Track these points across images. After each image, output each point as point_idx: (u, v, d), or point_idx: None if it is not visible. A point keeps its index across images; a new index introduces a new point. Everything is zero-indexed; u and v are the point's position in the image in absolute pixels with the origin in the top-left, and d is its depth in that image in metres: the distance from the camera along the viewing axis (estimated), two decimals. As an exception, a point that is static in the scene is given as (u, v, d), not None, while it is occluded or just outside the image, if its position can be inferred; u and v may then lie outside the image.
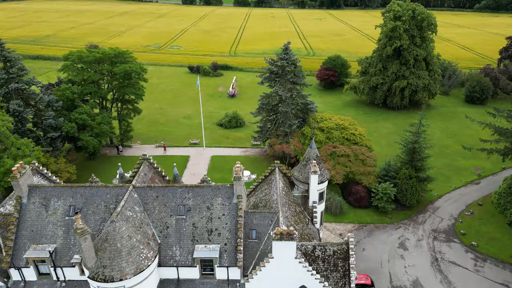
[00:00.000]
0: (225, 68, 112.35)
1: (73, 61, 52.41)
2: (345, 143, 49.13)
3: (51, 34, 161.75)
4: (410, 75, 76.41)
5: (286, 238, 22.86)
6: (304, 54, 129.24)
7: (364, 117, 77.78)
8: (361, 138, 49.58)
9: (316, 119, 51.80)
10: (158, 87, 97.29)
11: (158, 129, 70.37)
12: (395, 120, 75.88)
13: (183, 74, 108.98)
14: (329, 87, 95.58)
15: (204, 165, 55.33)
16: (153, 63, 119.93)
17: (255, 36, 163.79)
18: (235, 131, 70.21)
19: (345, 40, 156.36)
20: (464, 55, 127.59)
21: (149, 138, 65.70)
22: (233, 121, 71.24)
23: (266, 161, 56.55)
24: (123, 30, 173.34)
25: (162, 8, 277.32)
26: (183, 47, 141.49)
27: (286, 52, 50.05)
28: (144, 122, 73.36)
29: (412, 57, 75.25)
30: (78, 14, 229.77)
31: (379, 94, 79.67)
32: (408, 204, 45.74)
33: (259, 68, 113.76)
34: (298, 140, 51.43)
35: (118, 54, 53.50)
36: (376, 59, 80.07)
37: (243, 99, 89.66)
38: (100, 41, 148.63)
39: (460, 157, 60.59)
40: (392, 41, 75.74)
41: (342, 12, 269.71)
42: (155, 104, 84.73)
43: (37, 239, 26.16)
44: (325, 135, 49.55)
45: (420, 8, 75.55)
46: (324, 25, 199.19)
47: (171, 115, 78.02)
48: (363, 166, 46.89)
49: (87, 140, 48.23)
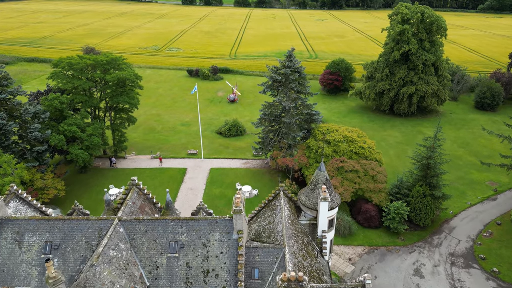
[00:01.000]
0: (225, 72, 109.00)
1: (62, 68, 49.06)
2: (354, 157, 45.74)
3: (47, 36, 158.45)
4: (418, 80, 73.00)
5: (295, 286, 19.54)
6: (306, 57, 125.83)
7: (370, 124, 74.40)
8: (370, 152, 46.17)
9: (322, 131, 48.41)
10: (156, 91, 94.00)
11: (154, 137, 67.03)
12: (403, 128, 72.46)
13: (182, 77, 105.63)
14: (333, 92, 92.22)
15: (202, 178, 51.95)
16: (151, 66, 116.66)
17: (256, 38, 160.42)
18: (235, 140, 66.87)
19: (347, 42, 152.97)
20: (471, 58, 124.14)
21: (145, 148, 62.35)
22: (233, 129, 67.89)
23: (268, 174, 53.18)
24: (121, 32, 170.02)
25: (162, 8, 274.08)
26: (182, 49, 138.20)
27: (290, 59, 46.67)
28: (140, 130, 70.04)
29: (420, 62, 71.84)
30: (76, 14, 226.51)
31: (386, 100, 76.28)
32: (422, 224, 42.36)
33: (260, 71, 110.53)
34: (302, 153, 48.07)
35: (111, 61, 50.10)
36: (382, 63, 76.67)
37: (244, 104, 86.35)
38: (98, 43, 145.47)
39: (474, 170, 57.18)
40: (400, 45, 72.34)
41: (344, 13, 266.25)
42: (152, 110, 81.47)
43: (9, 281, 22.88)
44: (331, 148, 46.17)
45: (429, 11, 72.13)
46: (326, 26, 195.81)
47: (168, 122, 74.67)
48: (373, 182, 43.51)
49: (76, 154, 44.89)
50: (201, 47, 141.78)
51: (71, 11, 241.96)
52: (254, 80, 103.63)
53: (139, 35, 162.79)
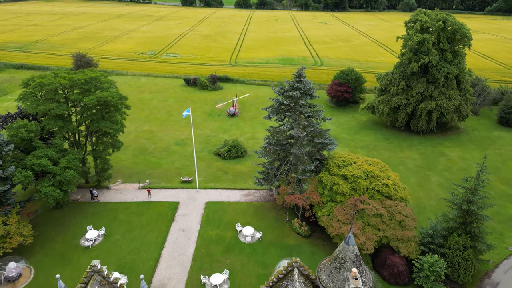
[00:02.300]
0: (225, 80, 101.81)
1: (34, 89, 41.89)
2: (376, 196, 38.50)
3: (39, 40, 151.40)
4: (439, 95, 65.71)
5: None
6: (311, 64, 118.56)
7: (385, 143, 67.14)
8: (395, 190, 38.92)
9: (338, 163, 41.13)
10: (150, 103, 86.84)
11: (145, 160, 59.83)
12: (422, 148, 65.15)
13: (179, 87, 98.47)
14: (342, 104, 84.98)
15: (197, 215, 44.67)
16: (146, 73, 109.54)
17: (258, 42, 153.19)
18: (236, 162, 59.66)
19: (353, 47, 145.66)
20: (487, 66, 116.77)
21: (134, 174, 55.12)
22: (233, 150, 60.66)
23: (273, 210, 45.89)
24: (117, 35, 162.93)
25: (161, 10, 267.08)
26: (180, 55, 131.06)
27: (300, 80, 39.40)
28: (130, 151, 62.84)
29: (442, 75, 64.55)
30: (72, 17, 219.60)
31: (402, 116, 69.00)
32: (461, 281, 35.12)
33: (262, 80, 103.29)
34: (314, 189, 40.83)
35: (90, 80, 42.81)
36: (398, 76, 69.38)
37: (245, 118, 79.11)
38: (91, 48, 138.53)
39: (509, 202, 49.92)
40: (419, 56, 65.06)
41: (348, 15, 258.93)
42: (145, 125, 74.26)
43: None
44: (349, 185, 38.91)
45: (451, 18, 64.88)
46: (330, 29, 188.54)
47: (162, 140, 67.44)
48: (400, 229, 36.30)
49: (46, 192, 37.70)
50: (199, 52, 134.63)
51: (67, 13, 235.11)
52: (256, 90, 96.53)
53: (135, 39, 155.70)
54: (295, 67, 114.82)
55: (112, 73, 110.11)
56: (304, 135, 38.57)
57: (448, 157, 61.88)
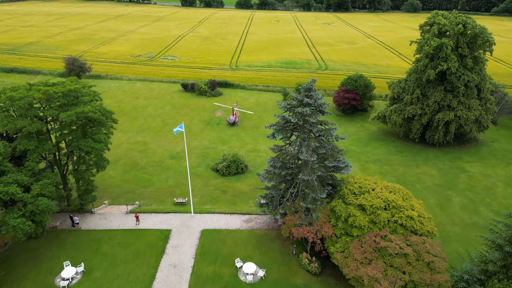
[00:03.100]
0: (225, 86, 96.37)
1: (4, 103, 36.49)
2: (399, 230, 33.01)
3: (33, 41, 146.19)
4: (458, 105, 60.16)
5: None
6: (315, 68, 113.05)
7: (398, 157, 61.61)
8: (421, 223, 33.42)
9: (353, 190, 35.61)
10: (145, 111, 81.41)
11: (136, 177, 54.42)
12: (439, 163, 59.58)
13: (176, 92, 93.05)
14: (349, 112, 79.46)
15: (191, 247, 39.19)
16: (143, 78, 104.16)
17: (259, 44, 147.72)
18: (236, 180, 54.21)
19: (359, 49, 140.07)
20: (500, 70, 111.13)
21: (122, 194, 49.71)
22: (233, 166, 55.19)
23: (278, 241, 40.36)
24: (114, 37, 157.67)
25: (160, 11, 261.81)
26: (178, 58, 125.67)
27: (310, 95, 33.89)
28: (120, 166, 57.45)
29: (462, 84, 59.02)
30: (69, 17, 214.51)
31: (416, 127, 63.46)
32: (503, 336, 29.57)
33: (264, 85, 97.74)
34: (326, 219, 35.34)
35: (68, 92, 37.34)
36: (412, 83, 63.87)
37: (246, 128, 73.65)
38: (87, 50, 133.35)
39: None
40: (436, 63, 59.54)
41: (351, 16, 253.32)
42: (138, 136, 68.82)
43: None
44: (368, 217, 33.41)
45: (472, 21, 59.33)
46: (333, 31, 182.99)
47: (155, 154, 62.00)
48: (429, 271, 30.80)
49: (14, 225, 32.28)
50: (199, 55, 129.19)
51: (65, 14, 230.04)
52: (257, 96, 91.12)
53: (132, 41, 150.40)
54: (299, 71, 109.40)
55: (106, 77, 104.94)
56: (315, 159, 33.06)
57: (469, 174, 56.32)
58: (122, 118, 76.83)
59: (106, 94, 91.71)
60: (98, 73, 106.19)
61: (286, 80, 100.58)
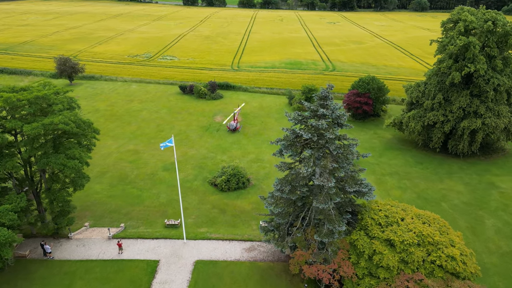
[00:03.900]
0: (226, 88, 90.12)
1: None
2: (437, 272, 26.65)
3: (28, 41, 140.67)
4: (486, 112, 53.60)
5: None
6: (322, 69, 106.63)
7: (418, 169, 55.10)
8: (464, 263, 27.00)
9: (378, 220, 29.23)
10: (139, 115, 75.31)
11: (124, 192, 48.27)
12: (466, 177, 53.02)
13: (173, 95, 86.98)
14: (360, 117, 73.02)
15: (181, 284, 32.89)
16: (139, 79, 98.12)
17: (263, 44, 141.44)
18: (236, 196, 47.97)
19: (367, 49, 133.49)
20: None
21: (106, 214, 43.57)
22: (233, 180, 48.93)
23: (286, 278, 33.93)
24: (112, 36, 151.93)
25: (161, 9, 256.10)
26: (178, 58, 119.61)
27: (326, 104, 27.56)
28: (107, 179, 51.34)
29: (491, 88, 52.52)
30: (67, 16, 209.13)
31: (437, 136, 56.97)
32: None
33: (268, 88, 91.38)
34: (345, 256, 28.99)
35: (34, 100, 31.12)
36: (433, 87, 57.39)
37: (248, 134, 67.38)
38: (82, 50, 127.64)
39: None
40: (462, 64, 53.05)
41: (357, 15, 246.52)
42: (130, 143, 62.70)
43: None
44: (397, 255, 27.05)
45: (502, 18, 52.78)
46: (339, 30, 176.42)
47: (147, 164, 55.85)
48: (477, 328, 24.38)
49: (-38, 264, 26.22)
50: (199, 55, 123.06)
51: (64, 12, 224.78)
52: (260, 99, 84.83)
53: (130, 40, 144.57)
54: (304, 72, 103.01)
55: (100, 78, 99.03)
56: (333, 184, 26.70)
57: (500, 190, 49.74)
58: (114, 124, 70.88)
59: (99, 96, 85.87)
60: (92, 74, 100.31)
61: (291, 82, 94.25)
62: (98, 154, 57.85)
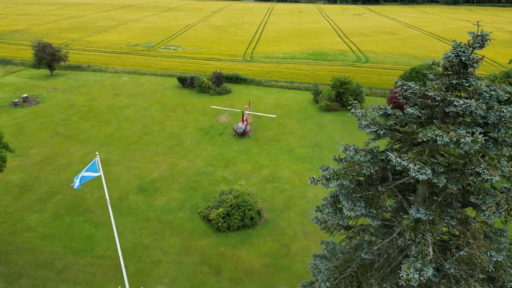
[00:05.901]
0: (235, 81, 73.09)
1: None
2: None
3: (20, 29, 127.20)
4: None
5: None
6: (352, 60, 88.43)
7: None
8: None
9: None
10: (123, 112, 59.04)
11: (69, 229, 31.82)
12: None
13: (170, 89, 70.52)
14: (412, 120, 54.52)
15: None
16: (132, 70, 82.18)
17: (280, 34, 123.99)
18: (239, 241, 30.84)
19: (403, 40, 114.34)
20: None
21: (29, 272, 27.15)
22: (236, 214, 31.70)
23: None
24: (113, 25, 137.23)
25: (172, 2, 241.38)
26: (182, 48, 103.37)
27: (467, 83, 10.19)
28: (52, 206, 34.91)
29: None
30: (73, 7, 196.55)
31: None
32: None
33: (287, 81, 73.65)
34: None
35: None
36: None
37: (260, 140, 50.10)
38: (76, 38, 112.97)
39: None
40: None
41: (384, 8, 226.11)
42: (101, 151, 45.99)
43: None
44: None
45: None
46: (366, 21, 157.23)
47: (117, 181, 39.24)
48: None
49: None
50: (207, 45, 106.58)
51: (70, 3, 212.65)
52: (277, 95, 67.45)
53: (133, 30, 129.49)
54: (331, 63, 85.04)
55: (88, 68, 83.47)
56: None
57: None
58: (88, 123, 54.69)
59: (80, 89, 70.12)
60: (79, 64, 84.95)
61: (316, 75, 76.54)
62: (52, 166, 41.73)
